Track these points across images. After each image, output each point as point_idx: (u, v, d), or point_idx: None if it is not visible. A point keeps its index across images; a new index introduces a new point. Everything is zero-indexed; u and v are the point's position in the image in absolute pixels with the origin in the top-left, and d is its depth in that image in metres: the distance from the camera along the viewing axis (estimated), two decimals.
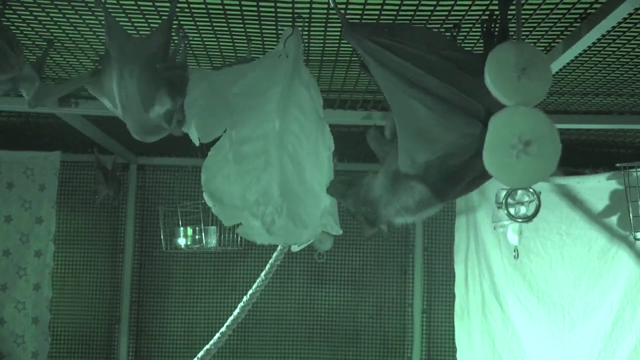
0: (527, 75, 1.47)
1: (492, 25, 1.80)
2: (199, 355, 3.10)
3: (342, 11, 1.86)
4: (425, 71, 1.51)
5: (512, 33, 1.72)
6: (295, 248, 2.20)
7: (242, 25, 2.03)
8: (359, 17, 1.91)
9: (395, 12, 1.87)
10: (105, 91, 1.93)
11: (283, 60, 1.97)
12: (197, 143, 1.97)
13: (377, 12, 1.88)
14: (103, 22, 1.97)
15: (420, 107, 1.51)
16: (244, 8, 1.88)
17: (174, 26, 1.93)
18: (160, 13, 1.93)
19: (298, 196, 2.00)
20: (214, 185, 1.98)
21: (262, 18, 1.96)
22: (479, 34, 2.01)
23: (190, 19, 1.98)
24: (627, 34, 1.98)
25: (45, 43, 2.19)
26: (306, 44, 2.13)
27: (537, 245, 3.46)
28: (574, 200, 3.25)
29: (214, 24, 2.01)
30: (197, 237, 3.92)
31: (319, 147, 1.99)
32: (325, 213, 1.98)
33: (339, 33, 2.07)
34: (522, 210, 2.96)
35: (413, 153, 1.55)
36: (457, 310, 3.96)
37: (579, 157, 3.86)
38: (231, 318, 3.06)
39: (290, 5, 1.86)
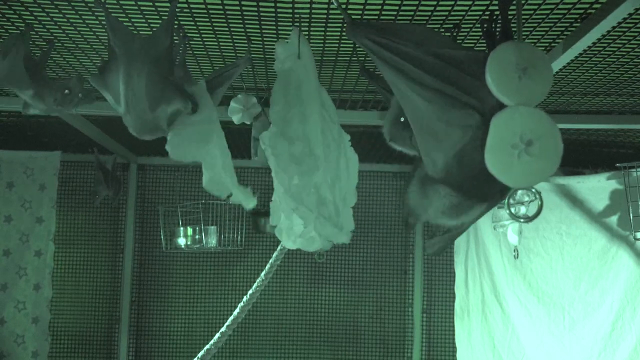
0: (528, 75, 1.47)
1: (493, 25, 1.80)
2: (199, 355, 3.10)
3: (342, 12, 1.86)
4: (421, 69, 1.52)
5: (513, 33, 1.72)
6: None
7: (242, 25, 2.02)
8: (359, 17, 1.91)
9: (395, 12, 1.87)
10: (108, 86, 1.93)
11: (295, 62, 1.97)
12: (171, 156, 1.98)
13: (377, 12, 1.87)
14: (103, 22, 1.97)
15: (421, 101, 1.52)
16: (244, 8, 1.88)
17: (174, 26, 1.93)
18: (160, 13, 1.93)
19: (342, 198, 2.01)
20: (286, 186, 1.94)
21: (262, 18, 1.96)
22: (479, 34, 2.01)
23: (190, 19, 1.98)
24: (627, 34, 1.98)
25: (45, 43, 2.19)
26: None
27: (537, 245, 3.45)
28: (574, 200, 3.25)
29: (214, 24, 2.01)
30: (197, 236, 3.92)
31: (341, 150, 2.02)
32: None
33: (338, 33, 2.07)
34: (522, 210, 2.96)
35: (431, 154, 1.55)
36: (457, 310, 3.96)
37: (579, 157, 3.86)
38: (231, 318, 3.06)
39: (290, 5, 1.86)
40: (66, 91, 2.09)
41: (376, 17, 1.91)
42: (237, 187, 2.05)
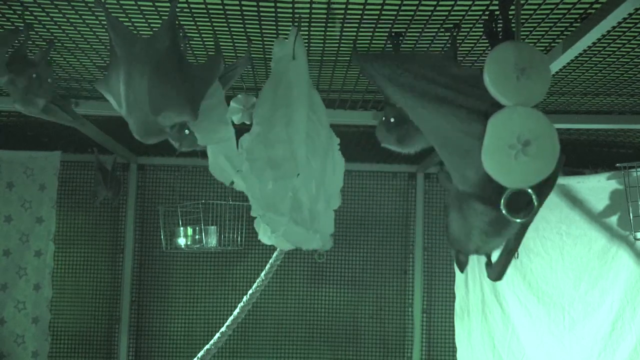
0: (527, 76, 1.48)
1: (494, 25, 1.81)
2: (199, 355, 3.11)
3: (342, 12, 1.87)
4: (434, 84, 1.55)
5: (514, 33, 1.72)
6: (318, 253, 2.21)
7: (242, 25, 2.03)
8: (358, 17, 1.92)
9: (395, 12, 1.88)
10: (110, 89, 1.92)
11: (290, 63, 1.98)
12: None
13: (377, 12, 1.88)
14: (104, 22, 1.97)
15: (438, 118, 1.53)
16: (244, 8, 1.89)
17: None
18: (160, 13, 1.94)
19: (323, 201, 2.02)
20: (257, 191, 1.94)
21: (262, 18, 1.97)
22: (479, 33, 2.02)
23: (190, 19, 1.98)
24: (627, 34, 1.99)
25: (45, 43, 2.20)
26: (306, 44, 2.13)
27: (537, 245, 3.46)
28: (574, 200, 3.25)
29: (214, 24, 2.02)
30: (197, 237, 3.92)
31: (328, 153, 2.02)
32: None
33: (339, 33, 2.07)
34: None
35: (460, 170, 1.56)
36: (457, 310, 3.97)
37: (579, 157, 3.87)
38: (231, 318, 3.07)
39: (290, 5, 1.86)
40: (34, 75, 2.09)
41: (376, 17, 1.91)
42: (239, 175, 2.06)
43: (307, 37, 2.11)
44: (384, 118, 1.99)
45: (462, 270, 1.71)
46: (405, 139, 1.97)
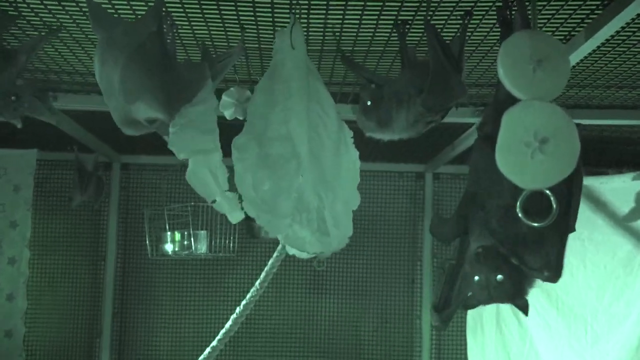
0: (543, 68, 1.49)
1: (508, 13, 1.82)
2: None
3: None
4: None
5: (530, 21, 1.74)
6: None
7: (235, 13, 2.04)
8: (361, 4, 1.93)
9: None
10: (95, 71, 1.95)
11: (289, 53, 1.99)
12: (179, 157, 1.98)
13: None
14: (85, 9, 1.99)
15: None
16: None
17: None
18: (147, 0, 1.95)
19: (332, 200, 2.01)
20: (251, 192, 1.94)
21: (256, 5, 1.98)
22: (492, 21, 2.03)
23: (179, 5, 2.00)
24: None
25: (36, 33, 2.21)
26: (305, 34, 2.15)
27: None
28: (596, 202, 3.26)
29: (205, 11, 2.03)
30: (185, 242, 3.94)
31: (340, 148, 2.02)
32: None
33: (340, 21, 2.08)
34: None
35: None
36: (470, 322, 3.98)
37: (602, 156, 3.88)
38: (223, 331, 3.08)
39: None
40: (13, 98, 2.09)
41: (380, 3, 1.93)
42: (223, 194, 2.03)
43: (306, 25, 2.12)
44: (361, 104, 2.01)
45: (526, 313, 1.74)
46: (387, 120, 1.98)
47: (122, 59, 1.83)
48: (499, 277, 1.58)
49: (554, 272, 1.62)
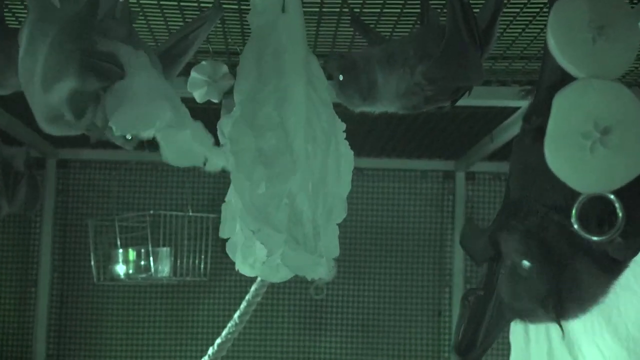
0: (606, 36, 1.51)
1: None
2: None
3: None
4: None
5: None
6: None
7: None
8: None
9: None
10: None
11: (279, 16, 2.00)
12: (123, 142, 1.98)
13: None
14: None
15: None
16: None
17: None
18: None
19: (322, 212, 2.02)
20: (247, 196, 1.93)
21: None
22: None
23: None
24: None
25: None
26: None
27: (626, 276, 3.49)
28: None
29: None
30: (142, 263, 3.93)
31: (329, 143, 2.03)
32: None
33: None
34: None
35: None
36: None
37: None
38: None
39: None
40: None
41: None
42: (212, 149, 1.98)
43: None
44: (335, 81, 2.06)
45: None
46: (370, 90, 2.02)
47: (50, 35, 1.84)
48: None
49: None
